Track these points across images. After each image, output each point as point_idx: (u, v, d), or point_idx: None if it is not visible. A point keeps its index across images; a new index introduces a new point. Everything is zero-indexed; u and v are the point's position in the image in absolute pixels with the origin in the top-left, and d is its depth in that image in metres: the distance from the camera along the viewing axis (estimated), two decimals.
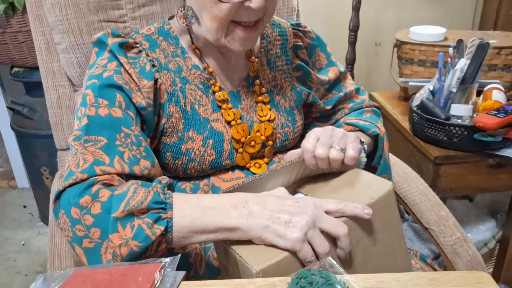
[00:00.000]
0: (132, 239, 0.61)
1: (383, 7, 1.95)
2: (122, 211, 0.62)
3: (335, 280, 0.52)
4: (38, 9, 0.99)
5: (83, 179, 0.66)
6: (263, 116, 0.88)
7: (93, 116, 0.72)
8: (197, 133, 0.82)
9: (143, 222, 0.62)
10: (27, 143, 1.83)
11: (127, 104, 0.75)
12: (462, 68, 1.19)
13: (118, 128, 0.72)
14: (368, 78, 2.08)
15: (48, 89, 1.04)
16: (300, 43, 0.95)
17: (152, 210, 0.63)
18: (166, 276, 0.56)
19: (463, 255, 0.90)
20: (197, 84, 0.84)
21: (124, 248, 0.61)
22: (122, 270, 0.57)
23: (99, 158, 0.68)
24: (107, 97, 0.74)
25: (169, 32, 0.85)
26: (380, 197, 0.66)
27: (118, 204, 0.62)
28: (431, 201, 0.96)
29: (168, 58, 0.83)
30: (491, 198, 1.62)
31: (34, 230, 1.97)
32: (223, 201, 0.64)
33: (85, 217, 0.63)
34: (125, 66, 0.77)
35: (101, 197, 0.64)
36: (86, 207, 0.63)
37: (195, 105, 0.83)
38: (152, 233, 0.61)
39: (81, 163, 0.68)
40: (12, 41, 1.66)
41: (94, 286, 0.55)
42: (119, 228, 0.61)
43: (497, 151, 1.21)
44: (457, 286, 0.55)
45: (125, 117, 0.73)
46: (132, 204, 0.62)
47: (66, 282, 0.56)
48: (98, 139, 0.70)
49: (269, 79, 0.91)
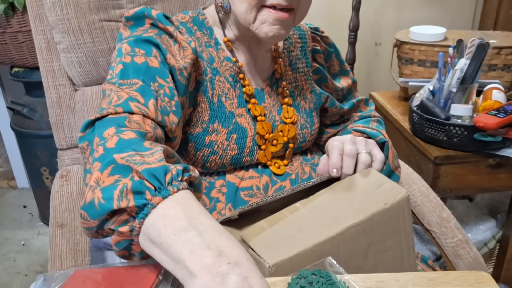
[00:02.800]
0: (101, 189, 0.51)
1: (383, 7, 1.95)
2: (122, 157, 0.53)
3: (335, 279, 0.52)
4: (39, 8, 0.99)
5: (117, 112, 0.61)
6: (288, 118, 0.88)
7: (129, 62, 0.69)
8: (222, 126, 0.81)
9: (122, 184, 0.51)
10: (27, 143, 1.83)
11: (162, 60, 0.72)
12: (462, 68, 1.19)
13: (153, 77, 0.69)
14: (368, 78, 2.08)
15: (48, 89, 1.04)
16: (318, 47, 0.96)
17: (146, 180, 0.51)
18: (167, 277, 0.56)
19: (465, 256, 0.90)
20: (227, 76, 0.83)
21: (90, 192, 0.52)
22: (123, 270, 0.57)
23: (133, 97, 0.64)
24: (144, 48, 0.72)
25: (203, 22, 0.85)
26: (394, 203, 0.66)
27: (128, 149, 0.54)
28: (433, 203, 0.96)
29: (202, 47, 0.83)
30: (491, 198, 1.62)
31: (34, 230, 1.97)
32: (214, 241, 0.48)
33: (98, 148, 0.56)
34: (172, 33, 0.75)
35: (124, 135, 0.56)
36: (106, 138, 0.56)
37: (222, 98, 0.82)
38: (118, 199, 0.50)
39: (114, 100, 0.62)
40: (12, 41, 1.66)
41: (94, 286, 0.55)
42: (105, 171, 0.52)
43: (497, 151, 1.21)
44: (457, 286, 0.54)
45: (161, 68, 0.71)
46: (136, 159, 0.52)
47: (66, 282, 0.56)
48: (133, 82, 0.66)
49: (291, 80, 0.91)
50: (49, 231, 0.91)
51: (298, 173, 0.88)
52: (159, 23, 0.76)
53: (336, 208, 0.66)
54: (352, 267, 0.62)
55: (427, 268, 0.90)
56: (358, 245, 0.63)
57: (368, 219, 0.64)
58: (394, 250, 0.67)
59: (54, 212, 0.93)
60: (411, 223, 0.69)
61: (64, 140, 1.06)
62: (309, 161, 0.92)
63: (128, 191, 0.50)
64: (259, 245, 0.60)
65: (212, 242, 0.47)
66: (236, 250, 0.48)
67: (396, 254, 0.68)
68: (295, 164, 0.90)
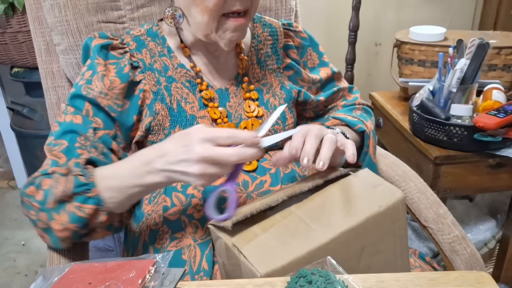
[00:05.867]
0: (69, 222, 0.71)
1: (383, 7, 1.95)
2: (51, 201, 0.70)
3: (335, 279, 0.52)
4: (38, 10, 0.99)
5: (36, 176, 0.75)
6: (250, 112, 0.89)
7: (62, 122, 0.80)
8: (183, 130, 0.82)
9: (73, 206, 0.70)
10: (27, 143, 1.84)
11: (95, 112, 0.80)
12: (462, 68, 1.19)
13: (77, 133, 0.78)
14: (368, 78, 2.08)
15: (47, 90, 1.04)
16: (291, 42, 0.96)
17: (77, 194, 0.70)
18: (159, 271, 0.56)
19: (461, 252, 0.90)
20: (183, 82, 0.86)
21: (65, 232, 0.72)
22: (116, 265, 0.58)
23: (57, 159, 0.76)
24: (75, 105, 0.81)
25: (157, 33, 0.88)
26: (389, 205, 0.65)
27: (50, 195, 0.71)
28: (430, 199, 0.96)
29: (154, 58, 0.86)
30: (491, 198, 1.62)
31: (34, 230, 1.97)
32: (135, 164, 0.70)
33: (33, 204, 0.73)
34: (98, 69, 0.81)
35: (43, 185, 0.72)
36: (32, 196, 0.73)
37: (181, 103, 0.84)
38: (84, 213, 0.70)
39: (43, 165, 0.77)
40: (12, 41, 1.66)
41: (89, 279, 0.56)
42: (55, 216, 0.71)
43: (497, 151, 1.21)
44: (457, 286, 0.55)
45: (84, 124, 0.79)
46: (58, 194, 0.70)
47: (63, 276, 0.58)
48: (61, 142, 0.78)
49: (258, 78, 0.92)
50: None
51: (279, 168, 0.88)
52: (94, 60, 0.83)
53: (330, 212, 0.65)
54: (346, 269, 0.62)
55: (424, 265, 0.90)
56: (351, 248, 0.63)
57: (362, 223, 0.63)
58: (387, 251, 0.67)
59: None
60: (406, 224, 0.69)
61: None
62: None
63: (80, 206, 0.70)
64: (251, 252, 0.59)
65: (135, 168, 0.70)
66: (145, 156, 0.70)
67: (389, 255, 0.67)
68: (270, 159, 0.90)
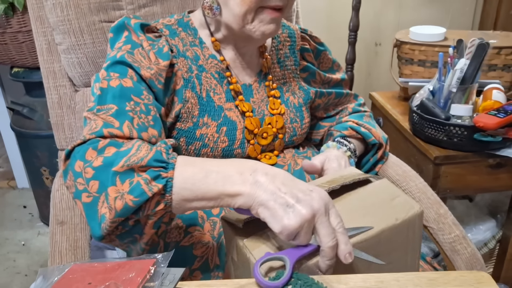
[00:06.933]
0: (128, 193, 0.59)
1: (383, 7, 1.95)
2: (122, 166, 0.61)
3: (313, 282, 0.52)
4: (39, 10, 1.00)
5: (91, 139, 0.66)
6: (275, 109, 0.91)
7: (105, 88, 0.74)
8: (212, 119, 0.84)
9: (141, 178, 0.60)
10: (27, 143, 1.83)
11: (138, 79, 0.77)
12: (462, 68, 1.19)
13: (128, 97, 0.74)
14: (368, 78, 2.08)
15: (49, 89, 1.04)
16: (307, 46, 0.99)
17: (153, 167, 0.60)
18: (159, 271, 0.56)
19: (462, 252, 0.90)
20: (213, 73, 0.87)
21: (119, 201, 0.59)
22: (116, 265, 0.58)
23: (109, 122, 0.69)
24: (118, 70, 0.76)
25: (188, 24, 0.88)
26: (405, 219, 0.64)
27: (120, 159, 0.61)
28: (430, 199, 0.96)
29: (186, 46, 0.86)
30: (491, 198, 1.62)
31: (34, 230, 1.97)
32: (230, 166, 0.60)
33: (87, 169, 0.62)
34: (143, 44, 0.80)
35: (106, 153, 0.63)
36: (90, 161, 0.63)
37: (210, 93, 0.86)
38: (149, 189, 0.59)
39: (93, 127, 0.69)
40: (12, 41, 1.66)
41: (89, 279, 0.56)
42: (118, 182, 0.60)
43: (497, 151, 1.21)
44: (457, 286, 0.55)
45: (135, 87, 0.75)
46: (133, 160, 0.61)
47: (63, 276, 0.58)
48: (109, 107, 0.72)
49: (279, 77, 0.95)
50: (49, 228, 0.91)
51: (291, 164, 0.91)
52: (133, 36, 0.81)
53: (346, 222, 0.63)
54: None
55: (425, 265, 0.90)
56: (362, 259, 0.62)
57: (377, 235, 0.62)
58: (398, 264, 0.66)
59: (54, 210, 0.94)
60: (421, 237, 0.68)
61: (64, 140, 1.06)
62: (302, 154, 0.95)
63: (150, 180, 0.59)
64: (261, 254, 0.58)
65: (227, 171, 0.59)
66: (246, 162, 0.61)
67: (399, 267, 0.66)
68: (287, 156, 0.93)
